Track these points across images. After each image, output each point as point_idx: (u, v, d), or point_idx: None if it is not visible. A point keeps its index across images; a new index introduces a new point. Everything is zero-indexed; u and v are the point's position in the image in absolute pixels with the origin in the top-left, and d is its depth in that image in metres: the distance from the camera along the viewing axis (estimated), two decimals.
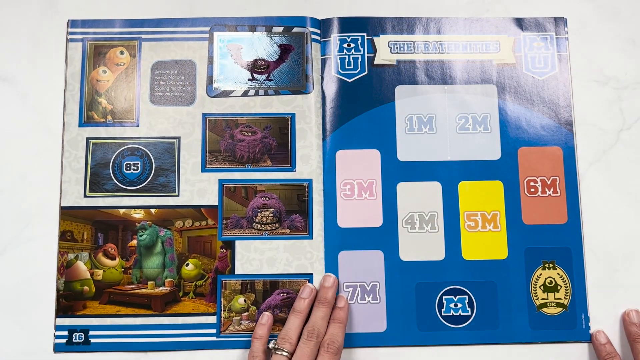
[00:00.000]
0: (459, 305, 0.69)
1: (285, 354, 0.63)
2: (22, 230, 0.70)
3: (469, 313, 0.69)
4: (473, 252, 0.70)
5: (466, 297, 0.69)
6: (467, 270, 0.69)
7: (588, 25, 0.75)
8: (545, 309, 0.69)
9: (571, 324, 0.69)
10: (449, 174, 0.71)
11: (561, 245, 0.70)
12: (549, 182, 0.71)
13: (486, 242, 0.70)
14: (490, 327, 0.68)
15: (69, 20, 0.74)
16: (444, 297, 0.69)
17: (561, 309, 0.69)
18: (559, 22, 0.75)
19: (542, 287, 0.69)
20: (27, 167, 0.71)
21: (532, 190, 0.71)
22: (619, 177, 0.72)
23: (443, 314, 0.68)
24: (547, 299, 0.69)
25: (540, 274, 0.69)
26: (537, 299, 0.69)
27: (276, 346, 0.64)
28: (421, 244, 0.70)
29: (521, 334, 0.68)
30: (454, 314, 0.68)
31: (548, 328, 0.68)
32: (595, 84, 0.74)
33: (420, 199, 0.71)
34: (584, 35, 0.75)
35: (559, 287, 0.69)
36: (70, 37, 0.73)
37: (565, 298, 0.69)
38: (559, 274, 0.69)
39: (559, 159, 0.71)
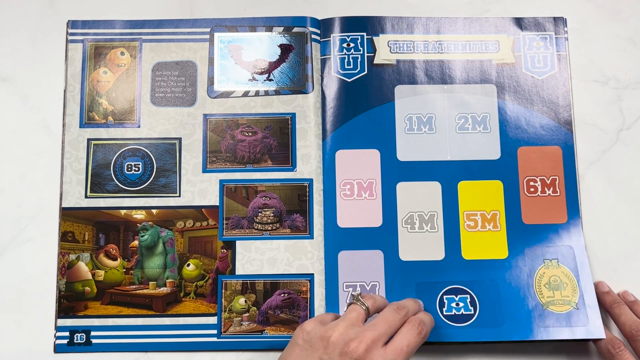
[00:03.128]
0: (461, 304, 0.68)
1: (364, 308, 0.60)
2: (22, 230, 0.70)
3: (472, 312, 0.68)
4: (473, 252, 0.70)
5: (467, 296, 0.68)
6: (467, 270, 0.69)
7: (588, 25, 0.75)
8: (552, 307, 0.68)
9: (583, 322, 0.67)
10: (449, 174, 0.71)
11: (563, 244, 0.70)
12: (548, 182, 0.71)
13: (486, 242, 0.70)
14: (494, 324, 0.67)
15: (69, 20, 0.74)
16: (444, 296, 0.68)
17: (569, 306, 0.68)
18: (559, 21, 0.75)
19: (546, 286, 0.68)
20: (27, 167, 0.71)
21: (532, 190, 0.71)
22: (619, 177, 0.72)
23: (445, 313, 0.68)
24: (554, 297, 0.68)
25: (544, 273, 0.69)
26: (543, 296, 0.68)
27: (359, 296, 0.61)
28: (421, 244, 0.70)
29: (529, 332, 0.67)
30: (456, 313, 0.68)
31: (558, 326, 0.67)
32: (595, 84, 0.74)
33: (420, 199, 0.71)
34: (584, 35, 0.75)
35: (564, 285, 0.68)
36: (70, 37, 0.73)
37: (573, 295, 0.68)
38: (563, 272, 0.69)
39: (559, 159, 0.72)
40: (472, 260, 0.69)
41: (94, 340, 0.68)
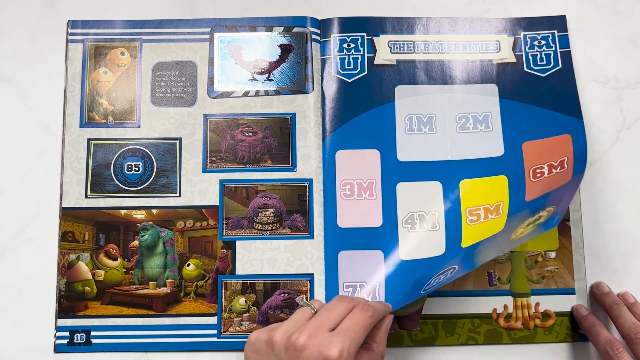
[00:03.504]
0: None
1: (310, 308, 0.59)
2: (22, 230, 0.70)
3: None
4: (472, 239, 0.67)
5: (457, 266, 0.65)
6: (466, 255, 0.66)
7: (588, 25, 0.75)
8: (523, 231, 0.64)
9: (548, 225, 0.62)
10: (449, 174, 0.71)
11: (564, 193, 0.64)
12: (556, 164, 0.69)
13: (487, 228, 0.69)
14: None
15: (69, 20, 0.74)
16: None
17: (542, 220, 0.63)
18: (559, 21, 0.75)
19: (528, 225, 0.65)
20: (27, 167, 0.71)
21: (539, 175, 0.68)
22: (619, 177, 0.72)
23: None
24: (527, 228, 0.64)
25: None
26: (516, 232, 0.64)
27: (304, 300, 0.60)
28: (421, 244, 0.70)
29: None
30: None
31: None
32: (595, 84, 0.74)
33: (420, 199, 0.71)
34: (584, 35, 0.75)
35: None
36: (70, 37, 0.73)
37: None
38: (547, 211, 0.64)
39: (568, 144, 0.69)
40: (471, 245, 0.67)
41: (94, 340, 0.68)
